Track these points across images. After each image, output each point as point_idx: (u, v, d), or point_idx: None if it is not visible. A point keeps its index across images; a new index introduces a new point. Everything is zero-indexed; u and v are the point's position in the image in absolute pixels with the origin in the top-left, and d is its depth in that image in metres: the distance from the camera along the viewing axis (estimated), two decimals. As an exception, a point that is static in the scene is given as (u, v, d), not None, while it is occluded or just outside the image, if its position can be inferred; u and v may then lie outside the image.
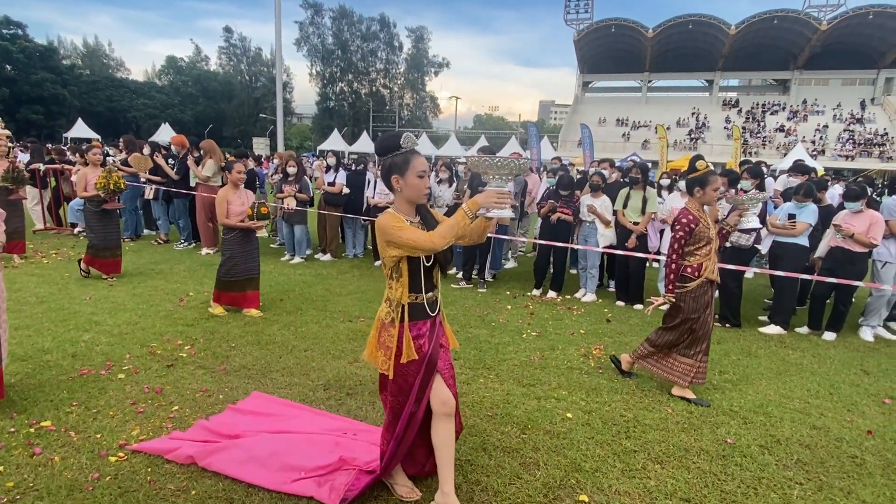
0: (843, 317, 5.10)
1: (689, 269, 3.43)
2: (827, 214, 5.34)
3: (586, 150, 22.60)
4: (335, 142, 38.31)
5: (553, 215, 6.00)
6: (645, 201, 5.70)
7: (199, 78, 57.74)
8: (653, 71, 47.46)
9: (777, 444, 2.99)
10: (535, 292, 6.23)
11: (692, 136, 40.45)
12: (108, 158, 8.15)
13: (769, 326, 5.19)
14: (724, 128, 39.90)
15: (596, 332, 4.90)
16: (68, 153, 9.61)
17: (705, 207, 3.51)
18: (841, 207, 5.34)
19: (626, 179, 6.32)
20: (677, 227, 3.41)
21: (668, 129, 26.37)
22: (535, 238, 6.66)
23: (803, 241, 5.04)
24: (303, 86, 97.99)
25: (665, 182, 6.96)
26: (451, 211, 6.76)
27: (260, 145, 35.61)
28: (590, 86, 52.05)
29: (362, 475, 2.35)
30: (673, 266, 3.44)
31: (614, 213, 5.89)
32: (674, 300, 3.46)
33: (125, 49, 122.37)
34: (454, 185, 7.01)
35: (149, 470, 2.48)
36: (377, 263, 7.42)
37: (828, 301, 5.24)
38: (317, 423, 2.88)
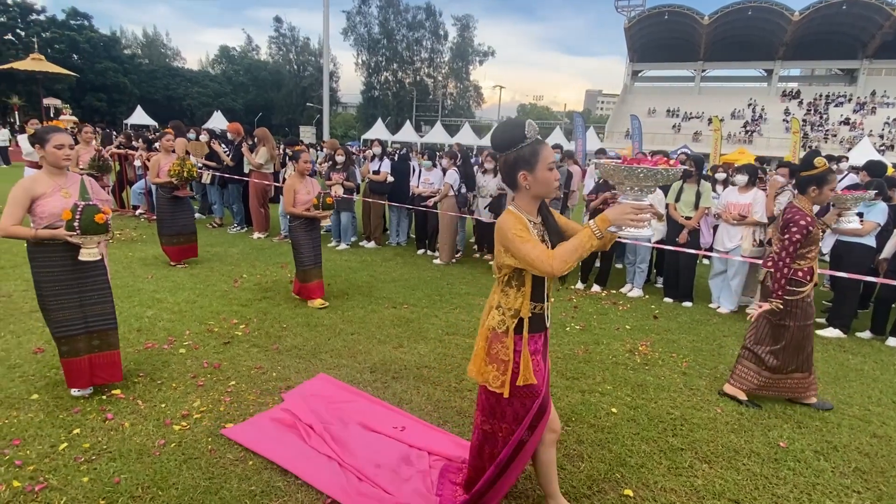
0: (887, 316, 4.82)
1: (800, 273, 3.23)
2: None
3: (635, 142, 22.01)
4: (379, 131, 38.76)
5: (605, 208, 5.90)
6: (699, 196, 5.52)
7: (250, 67, 59.41)
8: (707, 60, 45.47)
9: (834, 450, 2.87)
10: (580, 286, 6.16)
11: (747, 128, 38.61)
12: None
13: (828, 329, 4.95)
14: (783, 120, 37.86)
15: (642, 328, 4.81)
16: (133, 139, 10.12)
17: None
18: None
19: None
20: (794, 230, 3.16)
21: (721, 120, 25.26)
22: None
23: (870, 241, 4.77)
24: (348, 75, 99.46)
25: (720, 176, 6.71)
26: (494, 203, 6.75)
27: (306, 133, 36.49)
28: (639, 75, 50.38)
29: (450, 484, 2.27)
30: (786, 270, 3.18)
31: (666, 206, 5.74)
32: (782, 307, 3.21)
33: (181, 39, 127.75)
34: (499, 175, 6.98)
35: (209, 440, 2.64)
36: (419, 252, 7.51)
37: (893, 305, 4.96)
38: (380, 418, 2.92)
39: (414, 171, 7.64)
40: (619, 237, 1.68)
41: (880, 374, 4.06)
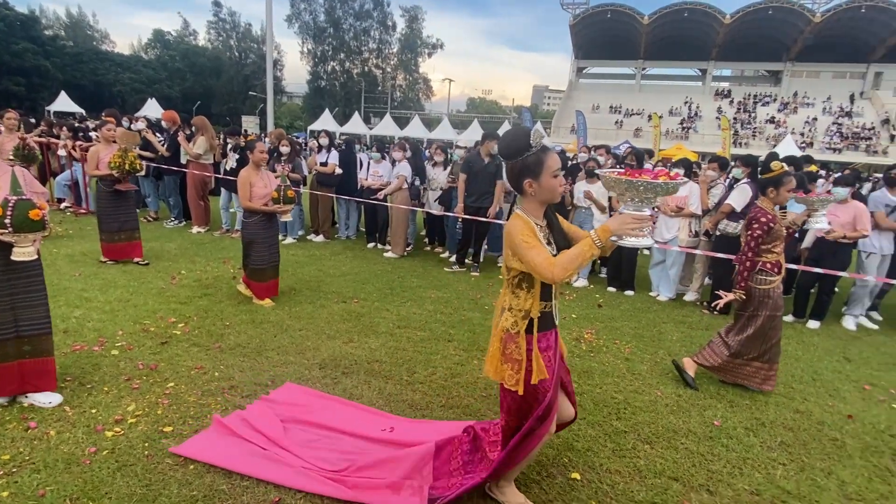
0: (827, 306, 5.23)
1: (768, 266, 3.44)
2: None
3: (580, 137, 22.63)
4: (326, 122, 37.82)
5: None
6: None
7: (187, 53, 56.37)
8: (647, 59, 47.32)
9: (762, 426, 3.08)
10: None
11: (684, 125, 40.55)
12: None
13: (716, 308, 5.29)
14: (716, 118, 40.01)
15: (588, 316, 4.96)
16: (55, 128, 9.38)
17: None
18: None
19: (622, 166, 6.35)
20: (756, 226, 3.38)
21: (661, 117, 26.39)
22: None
23: (792, 231, 5.12)
24: (293, 64, 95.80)
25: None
26: (444, 195, 6.75)
27: (249, 123, 35.18)
28: (584, 72, 51.78)
29: (445, 477, 2.24)
30: (748, 263, 3.42)
31: (609, 199, 5.93)
32: (744, 296, 3.44)
33: (110, 21, 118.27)
34: (449, 168, 7.00)
35: (146, 445, 2.50)
36: (370, 245, 7.42)
37: (812, 290, 5.36)
38: (359, 421, 2.81)
39: (361, 163, 7.52)
40: (621, 246, 1.73)
41: (802, 353, 4.39)
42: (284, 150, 7.07)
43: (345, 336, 4.01)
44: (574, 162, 7.57)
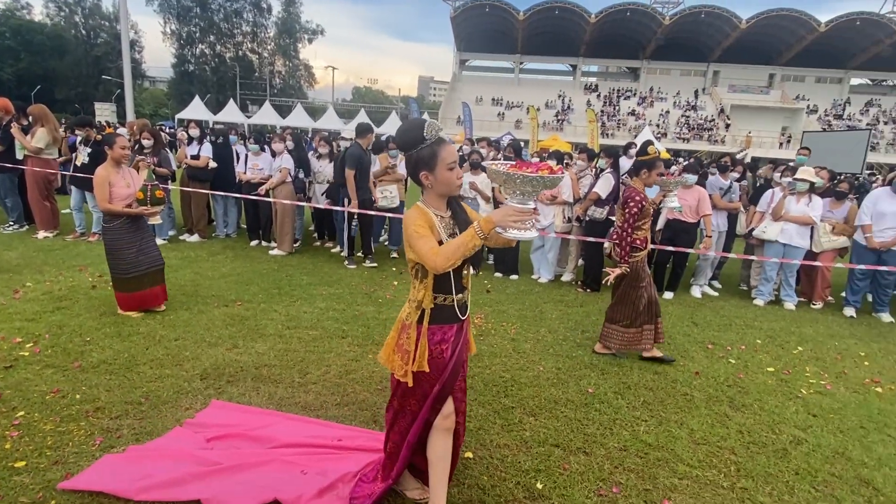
0: (679, 278, 5.99)
1: (638, 241, 3.78)
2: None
3: (466, 128, 23.29)
4: (197, 110, 34.81)
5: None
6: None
7: (20, 29, 48.06)
8: (524, 53, 49.82)
9: (628, 389, 3.47)
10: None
11: (559, 117, 43.46)
12: None
13: (609, 284, 5.90)
14: (585, 110, 43.47)
15: (476, 302, 5.18)
16: None
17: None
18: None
19: (512, 159, 6.67)
20: (631, 205, 3.70)
21: (538, 110, 28.06)
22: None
23: (649, 213, 5.77)
24: (155, 45, 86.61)
25: (535, 160, 7.46)
26: (331, 189, 6.60)
27: (104, 111, 31.23)
28: (467, 64, 53.20)
29: (364, 484, 2.19)
30: (628, 239, 3.74)
31: (493, 189, 6.21)
32: (629, 270, 3.77)
33: None
34: (335, 160, 6.83)
35: (-11, 487, 2.17)
36: (253, 243, 7.03)
37: (668, 266, 6.10)
38: (297, 432, 2.63)
39: (238, 156, 7.07)
40: (505, 237, 1.71)
41: (659, 322, 4.99)
42: (147, 143, 6.39)
43: (228, 342, 3.79)
44: (459, 154, 7.79)
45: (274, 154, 6.74)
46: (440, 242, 1.80)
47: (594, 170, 6.30)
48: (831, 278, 6.06)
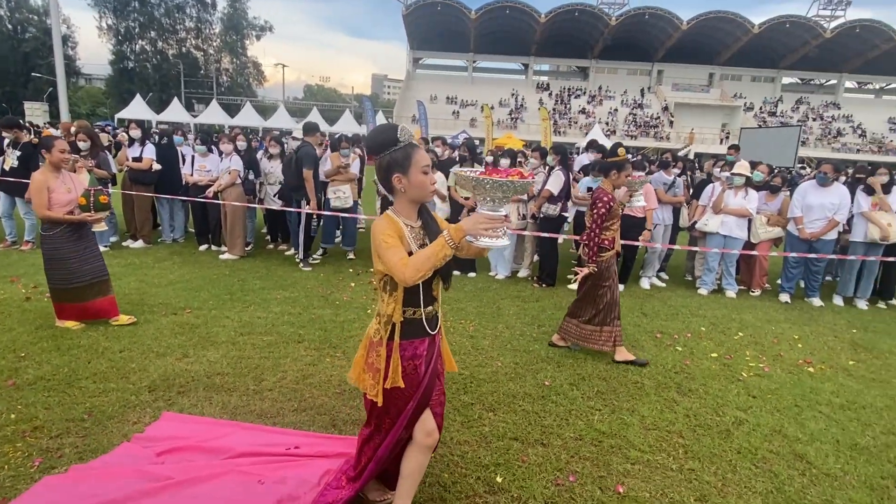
0: (629, 271, 6.21)
1: (605, 242, 3.83)
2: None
3: (422, 126, 23.27)
4: (138, 109, 33.27)
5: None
6: (473, 177, 6.14)
7: (-67, 21, 44.55)
8: (477, 52, 50.24)
9: (582, 380, 3.58)
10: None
11: (512, 115, 44.10)
12: None
13: (576, 284, 6.06)
14: (538, 109, 44.29)
15: (435, 301, 5.20)
16: None
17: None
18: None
19: (456, 156, 6.71)
20: (600, 205, 3.74)
21: (492, 108, 28.36)
22: (377, 214, 6.72)
23: (599, 209, 5.96)
24: (90, 41, 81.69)
25: (489, 159, 7.55)
26: (283, 189, 6.46)
27: (35, 112, 29.34)
28: (420, 62, 53.13)
29: (330, 491, 2.13)
30: (596, 239, 3.79)
31: (448, 189, 6.24)
32: (596, 269, 3.82)
33: None
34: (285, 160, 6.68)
35: (-88, 519, 2.01)
36: (202, 248, 6.78)
37: (619, 258, 6.31)
38: (253, 441, 2.54)
39: (184, 157, 6.80)
40: (476, 246, 1.67)
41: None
42: (83, 145, 6.04)
43: (178, 351, 3.65)
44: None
45: (222, 154, 6.53)
46: (410, 254, 1.74)
47: (546, 168, 6.44)
48: (768, 267, 6.44)
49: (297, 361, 3.60)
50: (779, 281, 6.30)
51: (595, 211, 3.81)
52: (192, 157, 6.71)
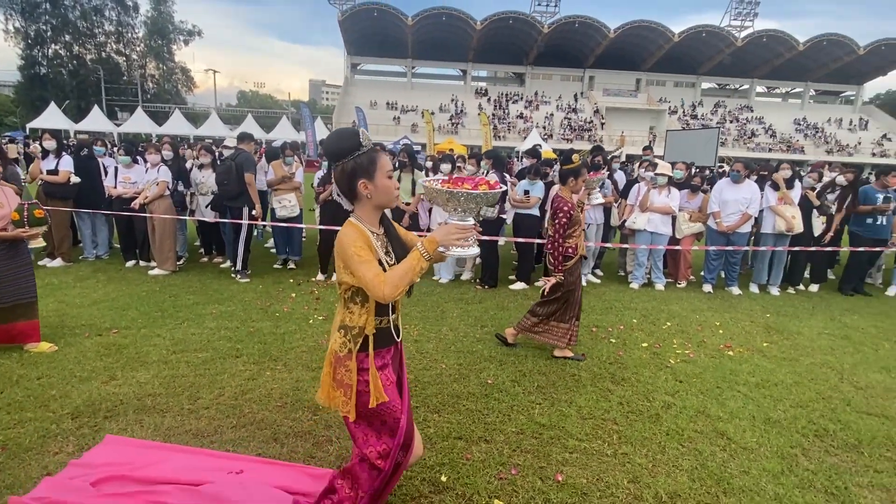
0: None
1: (570, 250, 3.88)
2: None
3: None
4: (53, 118, 30.94)
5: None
6: (414, 183, 6.19)
7: None
8: (415, 58, 50.46)
9: (523, 376, 3.69)
10: (321, 277, 6.24)
11: (453, 121, 44.59)
12: None
13: (517, 284, 6.25)
14: (478, 114, 45.09)
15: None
16: None
17: None
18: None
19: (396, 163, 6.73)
20: (560, 215, 3.78)
21: (432, 114, 28.58)
22: (317, 223, 6.62)
23: (536, 212, 6.17)
24: (-6, 45, 74.88)
25: (429, 164, 7.63)
26: (216, 200, 6.24)
27: (-70, 121, 26.65)
28: (358, 68, 52.69)
29: None
30: (560, 248, 3.83)
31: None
32: (563, 278, 3.86)
33: None
34: (218, 169, 6.46)
35: None
36: (129, 264, 6.42)
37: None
38: (196, 466, 2.41)
39: (106, 169, 6.43)
40: (448, 256, 1.69)
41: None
42: (-11, 157, 5.57)
43: (103, 374, 3.44)
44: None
45: (147, 165, 6.22)
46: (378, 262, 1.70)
47: (484, 173, 6.58)
48: (692, 260, 6.89)
49: (235, 377, 3.49)
50: (702, 272, 6.75)
51: (557, 221, 3.86)
52: (116, 168, 6.35)
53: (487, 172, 6.14)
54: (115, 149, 7.38)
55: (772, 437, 3.01)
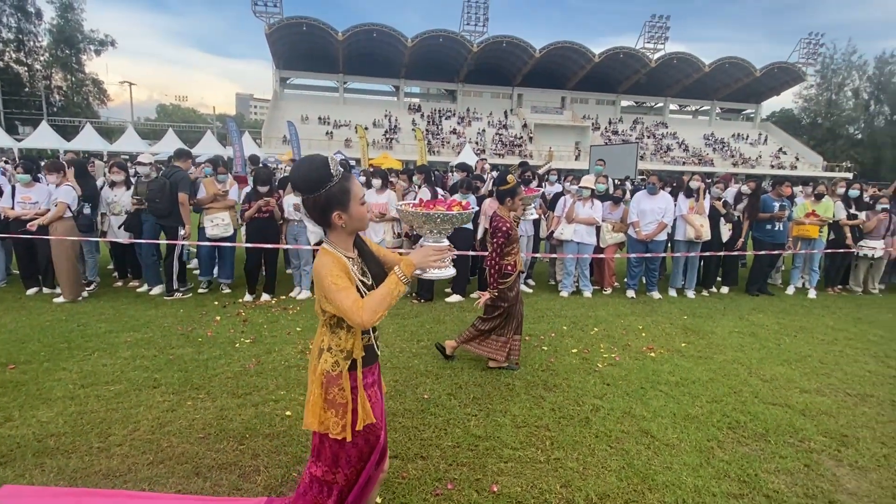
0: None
1: (508, 267, 3.92)
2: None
3: (293, 148, 22.50)
4: (-60, 133, 27.79)
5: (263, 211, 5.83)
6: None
7: None
8: (347, 73, 50.12)
9: (459, 389, 3.71)
10: (248, 298, 5.98)
11: (387, 136, 44.58)
12: None
13: (453, 296, 6.30)
14: (412, 129, 45.39)
15: (312, 327, 5.04)
16: None
17: None
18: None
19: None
20: (499, 234, 3.83)
21: (366, 129, 28.43)
22: (243, 242, 6.35)
23: (469, 225, 6.26)
24: None
25: (363, 178, 7.56)
26: (130, 220, 5.85)
27: None
28: (288, 82, 51.56)
29: None
30: (497, 267, 3.87)
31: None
32: (497, 294, 3.91)
33: None
34: (132, 188, 6.07)
35: None
36: (30, 291, 5.84)
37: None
38: None
39: (1, 188, 5.85)
40: (425, 278, 1.72)
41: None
42: None
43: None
44: (284, 175, 7.52)
45: (51, 184, 5.73)
46: (356, 288, 1.69)
47: (416, 187, 6.62)
48: (615, 267, 7.25)
49: (151, 409, 3.25)
50: (625, 279, 7.11)
51: (495, 240, 3.92)
52: (13, 187, 5.79)
53: (420, 187, 6.18)
54: (14, 166, 6.73)
55: (691, 433, 3.20)
